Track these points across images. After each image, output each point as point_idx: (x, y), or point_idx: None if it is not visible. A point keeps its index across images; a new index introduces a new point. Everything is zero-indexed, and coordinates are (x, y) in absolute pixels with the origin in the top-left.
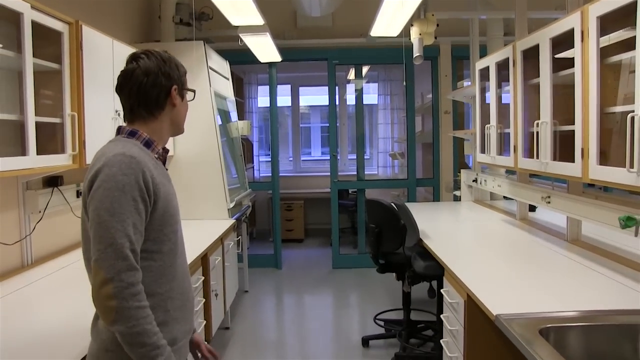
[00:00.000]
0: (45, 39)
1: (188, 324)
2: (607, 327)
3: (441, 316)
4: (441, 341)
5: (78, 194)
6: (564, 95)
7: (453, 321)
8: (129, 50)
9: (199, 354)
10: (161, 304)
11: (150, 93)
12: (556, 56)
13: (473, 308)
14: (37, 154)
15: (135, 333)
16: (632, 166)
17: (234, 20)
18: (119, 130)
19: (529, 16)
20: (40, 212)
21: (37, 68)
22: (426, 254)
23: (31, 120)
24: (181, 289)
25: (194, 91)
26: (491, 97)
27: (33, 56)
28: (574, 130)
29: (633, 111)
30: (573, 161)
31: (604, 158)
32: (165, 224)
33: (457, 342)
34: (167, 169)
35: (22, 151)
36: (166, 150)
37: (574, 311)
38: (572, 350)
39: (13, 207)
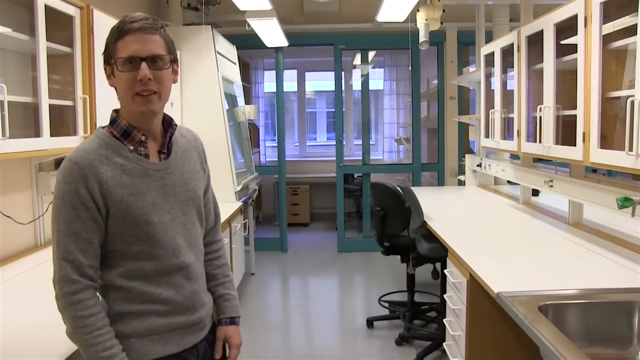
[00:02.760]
0: (57, 23)
1: (181, 317)
2: (603, 304)
3: (444, 296)
4: (444, 320)
5: None
6: (567, 81)
7: (456, 300)
8: None
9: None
10: (134, 296)
11: None
12: (560, 42)
13: (475, 287)
14: (51, 136)
15: (73, 339)
16: (630, 149)
17: (242, 5)
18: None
19: (535, 2)
20: (52, 193)
21: (49, 52)
22: (430, 237)
23: (45, 102)
24: (166, 285)
25: (126, 61)
26: (496, 82)
27: (46, 40)
28: (576, 115)
29: (633, 95)
30: (575, 145)
31: (605, 142)
32: (128, 226)
33: (459, 321)
34: (165, 153)
35: (36, 133)
36: (171, 126)
37: (572, 289)
38: (570, 326)
39: (26, 188)
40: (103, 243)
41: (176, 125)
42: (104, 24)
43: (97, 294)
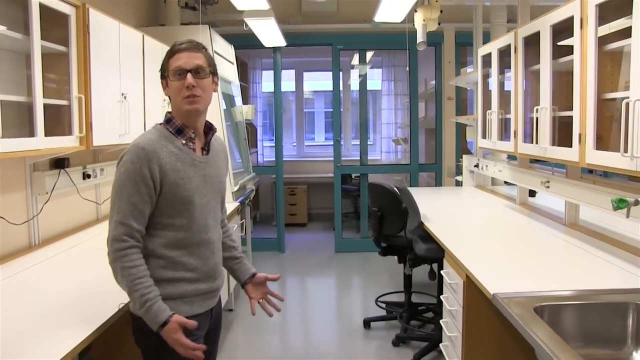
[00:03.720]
0: (52, 22)
1: (205, 284)
2: (599, 305)
3: (441, 297)
4: (441, 321)
5: (84, 175)
6: (563, 82)
7: (452, 301)
8: (135, 33)
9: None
10: (170, 265)
11: None
12: (557, 44)
13: (472, 288)
14: (45, 136)
15: (122, 286)
16: (626, 150)
17: (239, 5)
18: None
19: (533, 3)
20: (47, 193)
21: (44, 50)
22: (427, 237)
23: (39, 101)
24: (197, 257)
25: (175, 72)
26: (493, 83)
27: (40, 38)
28: (572, 116)
29: (629, 97)
30: (571, 146)
31: (601, 143)
32: (175, 203)
33: (456, 322)
34: (206, 150)
35: (31, 132)
36: (211, 130)
37: (568, 290)
38: (565, 327)
39: (21, 188)
40: (152, 215)
41: (216, 129)
42: (100, 23)
43: (142, 255)
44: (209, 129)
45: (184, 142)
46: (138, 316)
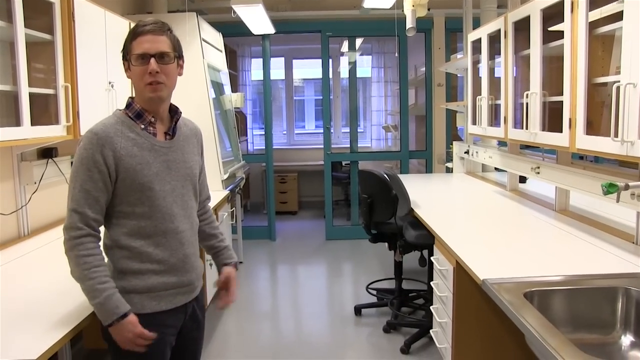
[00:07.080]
0: (37, 10)
1: (174, 277)
2: (588, 290)
3: (431, 283)
4: (431, 307)
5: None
6: (553, 67)
7: (442, 288)
8: (121, 21)
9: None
10: (135, 255)
11: None
12: (547, 29)
13: (462, 274)
14: (32, 125)
15: (75, 276)
16: (616, 135)
17: None
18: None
19: None
20: (35, 183)
21: (29, 39)
22: (417, 224)
23: (25, 91)
24: (163, 247)
25: (138, 57)
26: (483, 69)
27: (25, 27)
28: (562, 101)
29: (619, 81)
30: (561, 131)
31: (591, 128)
32: (134, 190)
33: (446, 308)
34: (170, 135)
35: (17, 122)
36: (177, 114)
37: (557, 276)
38: (555, 312)
39: (8, 178)
40: (112, 204)
41: (181, 112)
42: (85, 10)
43: (100, 245)
44: (175, 112)
45: (143, 126)
46: None
